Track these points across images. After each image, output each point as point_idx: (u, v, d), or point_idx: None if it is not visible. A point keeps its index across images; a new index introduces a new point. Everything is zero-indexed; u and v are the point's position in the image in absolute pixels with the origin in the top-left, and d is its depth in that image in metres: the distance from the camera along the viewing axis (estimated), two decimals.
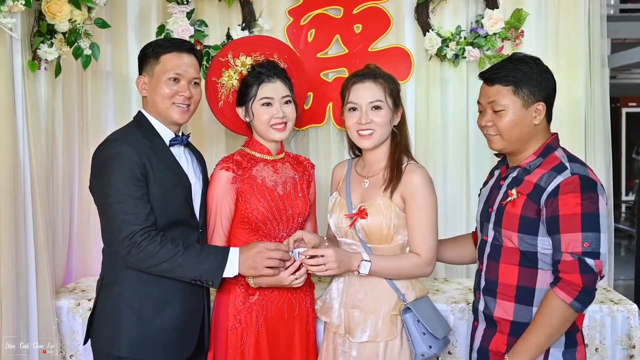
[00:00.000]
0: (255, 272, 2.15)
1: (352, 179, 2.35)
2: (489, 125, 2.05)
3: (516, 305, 1.99)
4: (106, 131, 3.21)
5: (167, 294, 2.16)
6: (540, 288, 1.96)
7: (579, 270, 1.86)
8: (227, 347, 2.27)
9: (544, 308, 1.92)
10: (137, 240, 2.04)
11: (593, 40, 3.21)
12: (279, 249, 2.17)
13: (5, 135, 2.44)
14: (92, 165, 2.16)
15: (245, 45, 2.52)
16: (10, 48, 2.47)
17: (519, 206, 1.98)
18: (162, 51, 2.21)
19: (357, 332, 2.22)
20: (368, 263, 2.16)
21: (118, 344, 2.12)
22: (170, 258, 2.07)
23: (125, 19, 3.24)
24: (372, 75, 2.25)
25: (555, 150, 2.03)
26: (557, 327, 1.91)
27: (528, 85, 2.01)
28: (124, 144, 2.12)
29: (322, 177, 3.28)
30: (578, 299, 1.87)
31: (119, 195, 2.05)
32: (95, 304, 2.23)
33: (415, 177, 2.20)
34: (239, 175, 2.28)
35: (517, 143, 2.04)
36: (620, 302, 2.77)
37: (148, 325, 2.13)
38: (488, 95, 2.04)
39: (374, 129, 2.22)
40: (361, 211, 2.21)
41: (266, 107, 2.29)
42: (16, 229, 2.50)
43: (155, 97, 2.21)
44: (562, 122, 3.22)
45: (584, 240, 1.86)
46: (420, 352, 2.16)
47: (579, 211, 1.87)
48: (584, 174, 1.92)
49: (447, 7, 3.24)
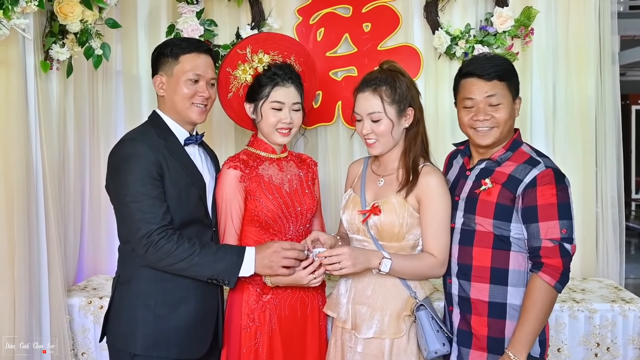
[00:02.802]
0: (271, 271, 2.16)
1: (368, 177, 2.36)
2: (487, 119, 2.11)
3: (491, 286, 2.10)
4: (117, 130, 3.25)
5: (183, 292, 2.17)
6: (513, 269, 2.08)
7: (559, 254, 2.01)
8: (241, 346, 2.27)
9: (531, 294, 2.03)
10: (155, 239, 2.05)
11: (603, 37, 3.21)
12: (295, 248, 2.17)
13: (17, 134, 2.47)
14: (108, 165, 2.16)
15: (265, 42, 2.47)
16: (23, 48, 2.49)
17: (494, 194, 2.09)
18: (181, 52, 2.21)
19: (363, 327, 2.22)
20: (389, 261, 2.15)
21: (133, 341, 2.13)
22: (187, 257, 2.08)
23: (136, 18, 3.26)
24: (373, 84, 2.23)
25: (521, 145, 2.16)
26: (546, 310, 2.03)
27: (514, 81, 2.14)
28: (141, 143, 2.12)
29: (331, 176, 3.29)
30: (560, 280, 2.01)
31: (136, 195, 2.06)
32: (111, 301, 2.24)
33: (431, 180, 2.21)
34: (247, 173, 2.28)
35: (506, 135, 2.15)
36: (632, 301, 2.77)
37: (163, 322, 2.14)
38: (485, 91, 2.10)
39: (376, 139, 2.24)
40: (374, 208, 2.22)
41: (276, 111, 2.30)
42: (28, 227, 2.52)
43: (175, 97, 2.22)
44: (572, 119, 3.23)
45: (561, 227, 2.01)
46: (433, 350, 2.15)
47: (555, 201, 2.02)
48: (555, 167, 2.07)
49: (456, 5, 3.24)
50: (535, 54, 3.23)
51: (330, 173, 3.31)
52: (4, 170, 2.44)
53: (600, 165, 3.22)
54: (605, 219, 3.21)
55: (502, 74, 2.10)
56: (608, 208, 3.21)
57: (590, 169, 3.22)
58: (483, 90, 2.10)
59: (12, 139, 2.45)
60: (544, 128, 3.24)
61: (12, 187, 2.45)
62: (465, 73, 2.16)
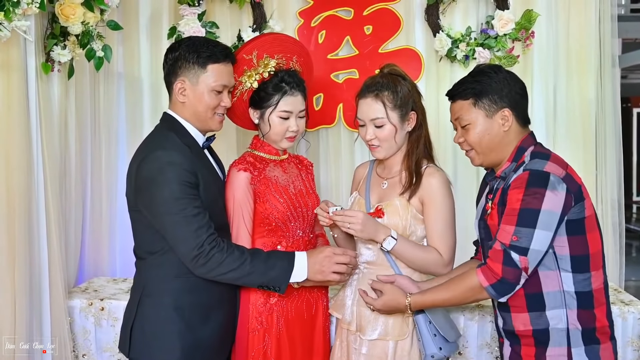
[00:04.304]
0: (322, 277, 2.14)
1: (372, 180, 2.38)
2: (462, 142, 2.07)
3: (530, 314, 1.96)
4: (118, 132, 3.26)
5: (214, 301, 2.15)
6: (547, 291, 1.93)
7: (502, 261, 1.88)
8: (248, 349, 2.27)
9: (461, 279, 1.99)
10: (206, 248, 2.01)
11: (604, 40, 3.20)
12: (347, 254, 2.17)
13: (18, 136, 2.47)
14: (140, 177, 2.07)
15: (271, 44, 2.40)
16: (24, 50, 2.50)
17: (495, 218, 1.99)
18: (209, 60, 2.14)
19: (368, 329, 2.24)
20: (394, 241, 2.17)
21: (163, 354, 2.08)
22: (239, 266, 2.05)
23: (137, 20, 3.26)
24: (375, 89, 2.23)
25: (526, 150, 2.02)
26: (461, 300, 2.00)
27: (487, 95, 2.01)
28: (173, 151, 2.06)
29: (332, 178, 3.30)
30: (494, 286, 1.90)
31: (180, 205, 2.00)
32: (135, 314, 2.14)
33: (434, 181, 2.22)
34: (256, 176, 2.28)
35: (491, 154, 2.04)
36: (631, 304, 2.76)
37: (195, 333, 2.10)
38: (453, 112, 2.08)
39: (379, 144, 2.26)
40: (378, 210, 2.24)
41: (283, 120, 2.30)
42: (29, 229, 2.52)
43: (199, 107, 2.16)
44: (573, 122, 3.23)
45: (514, 233, 1.86)
46: (430, 353, 2.16)
47: (517, 206, 1.87)
48: (536, 169, 1.89)
49: (457, 8, 3.24)
50: (536, 57, 3.23)
51: (332, 175, 3.31)
52: (5, 172, 2.44)
53: (601, 168, 3.22)
54: (605, 221, 3.20)
55: (465, 93, 2.03)
56: (608, 211, 3.21)
57: (591, 171, 3.22)
58: (452, 112, 2.09)
59: (13, 141, 2.45)
60: (545, 131, 3.24)
61: (13, 188, 2.46)
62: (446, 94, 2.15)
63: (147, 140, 2.19)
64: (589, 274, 1.93)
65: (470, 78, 2.07)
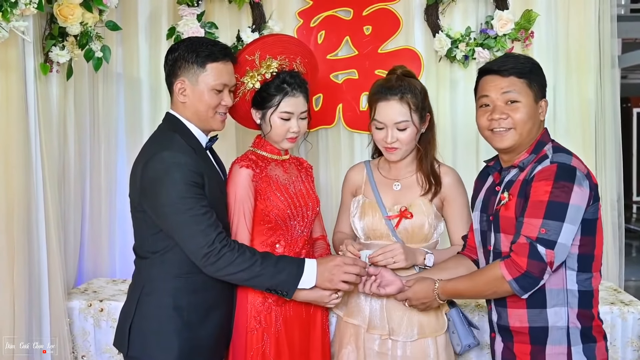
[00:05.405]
0: (330, 285, 2.13)
1: (379, 182, 2.37)
2: (503, 118, 1.96)
3: (529, 310, 1.93)
4: (117, 132, 3.26)
5: (213, 300, 2.16)
6: (550, 288, 1.90)
7: (527, 254, 1.82)
8: (247, 348, 2.26)
9: (484, 271, 1.97)
10: (217, 247, 2.01)
11: (603, 40, 3.20)
12: (357, 264, 2.16)
13: (17, 137, 2.47)
14: (145, 177, 2.06)
15: (273, 45, 2.40)
16: (23, 51, 2.49)
17: (511, 209, 1.93)
18: (208, 60, 2.14)
19: (403, 331, 2.25)
20: (432, 255, 2.25)
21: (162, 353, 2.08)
22: (249, 267, 2.04)
23: (136, 21, 3.26)
24: (399, 91, 2.23)
25: (546, 145, 1.98)
26: (482, 290, 1.97)
27: (537, 80, 1.98)
28: (179, 152, 2.05)
29: (332, 178, 3.30)
30: (517, 280, 1.85)
31: (187, 204, 2.00)
32: (134, 313, 2.13)
33: (451, 179, 2.33)
34: (257, 173, 2.29)
35: (526, 138, 1.97)
36: (631, 304, 2.76)
37: (194, 332, 2.11)
38: (501, 87, 1.96)
39: (400, 146, 2.26)
40: (404, 212, 2.26)
41: (284, 120, 2.30)
42: (28, 230, 2.52)
43: (200, 106, 2.16)
44: (573, 122, 3.23)
45: (542, 226, 1.81)
46: (466, 344, 2.23)
47: (546, 198, 1.82)
48: (564, 162, 1.86)
49: (457, 8, 3.23)
50: (536, 57, 3.15)
51: (332, 175, 3.31)
52: (4, 173, 2.44)
53: (600, 168, 3.22)
54: (605, 221, 3.19)
55: (521, 70, 1.95)
56: (608, 211, 3.21)
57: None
58: (499, 86, 1.96)
59: (12, 142, 2.45)
60: None
61: (13, 189, 2.45)
62: (483, 71, 2.05)
63: (151, 141, 2.19)
64: (591, 274, 1.94)
65: (522, 58, 2.03)
